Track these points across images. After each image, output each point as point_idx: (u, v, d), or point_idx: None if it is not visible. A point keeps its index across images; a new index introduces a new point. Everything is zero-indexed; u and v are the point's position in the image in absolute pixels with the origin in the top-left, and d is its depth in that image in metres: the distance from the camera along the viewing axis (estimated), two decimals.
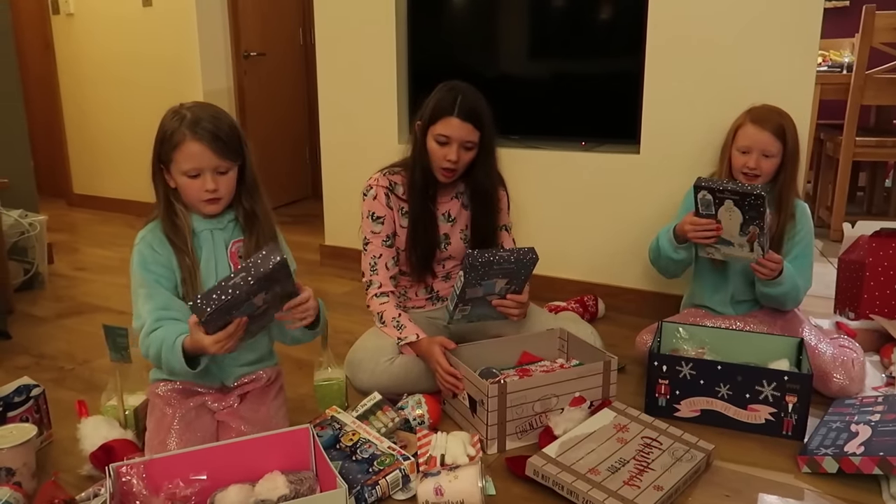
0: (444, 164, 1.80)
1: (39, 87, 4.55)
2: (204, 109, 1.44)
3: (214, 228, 1.51)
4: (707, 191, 1.78)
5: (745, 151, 1.93)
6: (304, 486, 1.31)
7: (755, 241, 1.77)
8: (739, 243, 1.80)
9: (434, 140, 1.80)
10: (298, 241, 3.55)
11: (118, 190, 4.30)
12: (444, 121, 1.77)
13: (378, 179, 1.89)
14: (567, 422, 1.58)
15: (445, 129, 1.77)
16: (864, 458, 1.42)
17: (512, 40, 2.68)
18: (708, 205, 1.79)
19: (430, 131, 1.80)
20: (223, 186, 1.45)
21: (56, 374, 2.07)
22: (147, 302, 1.43)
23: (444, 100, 1.78)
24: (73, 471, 1.52)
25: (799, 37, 2.12)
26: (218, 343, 1.30)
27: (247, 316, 1.32)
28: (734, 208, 1.75)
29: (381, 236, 1.88)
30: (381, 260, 1.89)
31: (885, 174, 3.86)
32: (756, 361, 1.75)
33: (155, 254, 1.46)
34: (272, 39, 4.29)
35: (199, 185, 1.43)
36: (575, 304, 2.43)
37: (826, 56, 3.69)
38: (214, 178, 1.43)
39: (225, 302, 1.24)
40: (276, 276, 1.30)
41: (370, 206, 1.88)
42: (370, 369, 1.78)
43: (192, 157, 1.40)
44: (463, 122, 1.77)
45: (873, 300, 2.12)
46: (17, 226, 2.79)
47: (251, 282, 1.25)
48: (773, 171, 1.93)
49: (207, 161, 1.41)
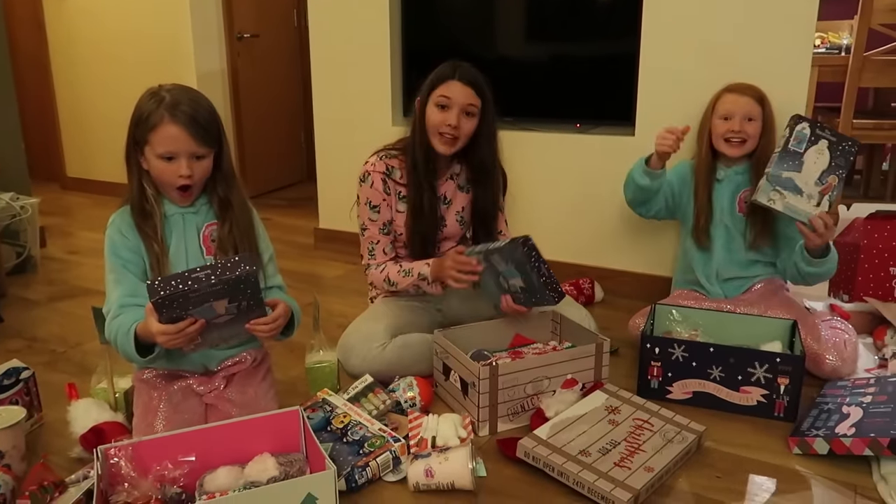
0: (444, 129, 1.79)
1: (31, 68, 4.50)
2: (184, 92, 1.41)
3: (186, 212, 1.49)
4: (808, 123, 1.75)
5: (726, 118, 1.95)
6: (294, 467, 1.31)
7: (827, 194, 1.74)
8: (809, 193, 1.76)
9: (434, 105, 1.79)
10: (293, 225, 3.54)
11: (112, 173, 4.26)
12: (444, 84, 1.79)
13: (374, 164, 1.87)
14: (559, 404, 1.58)
15: (446, 90, 1.78)
16: (855, 440, 1.42)
17: (507, 21, 2.65)
18: (803, 140, 1.76)
19: (430, 98, 1.80)
20: (198, 172, 1.42)
21: (48, 357, 2.07)
22: (115, 288, 1.42)
23: (445, 67, 1.81)
24: (63, 453, 1.52)
25: (796, 18, 2.10)
26: (165, 335, 1.28)
27: (205, 320, 1.30)
28: (825, 151, 1.73)
29: (377, 224, 1.88)
30: (379, 245, 1.89)
31: (882, 157, 3.85)
32: (749, 343, 1.75)
33: (124, 239, 1.44)
34: (266, 21, 4.24)
35: (174, 170, 1.40)
36: (569, 287, 2.43)
37: (824, 38, 3.66)
38: (190, 163, 1.40)
39: (182, 292, 1.22)
40: (243, 286, 1.27)
41: (367, 194, 1.87)
42: (362, 355, 1.78)
43: (168, 140, 1.37)
44: (464, 85, 1.78)
45: (867, 283, 2.12)
46: (9, 209, 2.77)
47: (213, 281, 1.23)
48: (758, 136, 1.95)
49: (184, 145, 1.38)
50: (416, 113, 1.84)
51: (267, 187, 4.37)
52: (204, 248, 1.49)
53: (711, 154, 2.02)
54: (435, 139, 1.81)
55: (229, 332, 1.40)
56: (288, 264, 1.66)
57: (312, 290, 2.51)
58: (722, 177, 2.01)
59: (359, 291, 2.48)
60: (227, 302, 1.29)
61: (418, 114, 1.83)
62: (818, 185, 1.75)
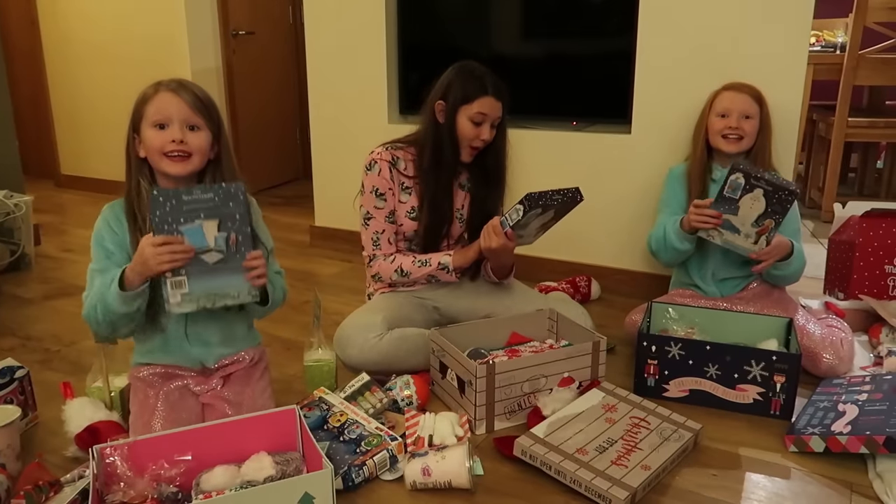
0: (476, 143, 1.83)
1: (25, 65, 4.48)
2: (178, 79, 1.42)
3: None
4: (743, 174, 1.78)
5: (724, 115, 1.96)
6: (291, 466, 1.30)
7: (764, 235, 1.79)
8: (746, 233, 1.81)
9: (469, 120, 1.81)
10: (289, 223, 3.53)
11: (106, 171, 4.25)
12: (480, 100, 1.80)
13: (381, 154, 1.88)
14: (556, 402, 1.58)
15: (483, 107, 1.80)
16: (851, 438, 1.42)
17: (503, 19, 2.65)
18: (737, 188, 1.79)
19: (462, 111, 1.81)
20: (192, 142, 1.38)
21: (42, 356, 2.06)
22: (96, 277, 1.40)
23: (477, 81, 1.81)
24: (58, 452, 1.51)
25: (792, 16, 2.11)
26: (153, 245, 1.28)
27: (194, 250, 1.30)
28: (761, 198, 1.77)
29: (384, 212, 1.88)
30: (384, 235, 1.89)
31: (876, 155, 3.86)
32: (745, 341, 1.75)
33: (111, 232, 1.43)
34: (261, 18, 4.23)
35: (166, 136, 1.37)
36: (566, 285, 2.43)
37: (819, 36, 3.67)
38: (183, 130, 1.37)
39: (175, 192, 1.28)
40: (232, 206, 1.31)
41: (374, 182, 1.87)
42: (359, 345, 1.76)
43: (161, 107, 1.37)
44: (496, 100, 1.81)
45: (862, 280, 2.12)
46: (3, 206, 2.76)
47: (209, 192, 1.29)
48: (755, 134, 1.96)
49: (177, 110, 1.36)
50: (441, 118, 1.83)
51: (262, 185, 4.35)
52: None
53: (707, 153, 2.02)
54: (465, 150, 1.86)
55: (219, 282, 1.35)
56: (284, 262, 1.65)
57: (310, 287, 2.51)
58: (718, 177, 2.00)
59: (355, 289, 2.48)
60: (218, 228, 1.30)
61: (447, 121, 1.83)
62: (755, 226, 1.80)
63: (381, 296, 1.95)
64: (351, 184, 1.92)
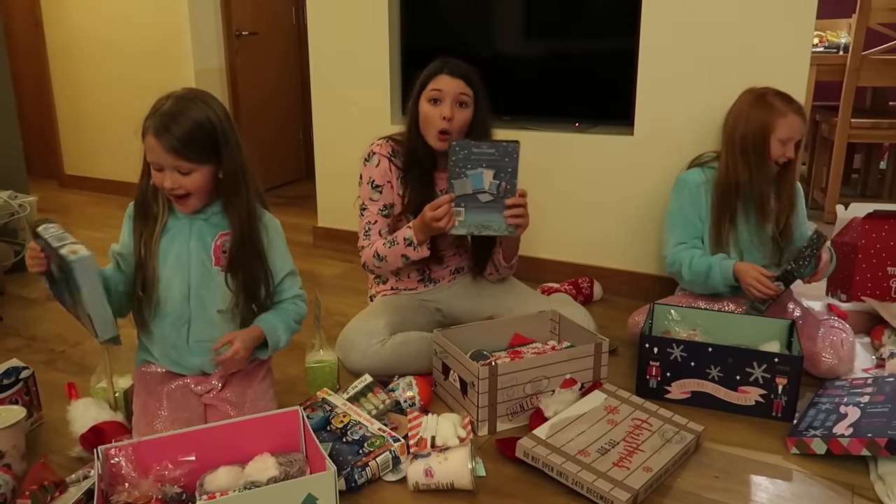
0: (440, 125, 1.80)
1: (29, 65, 4.49)
2: (178, 103, 1.37)
3: (195, 219, 1.48)
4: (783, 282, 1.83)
5: (785, 141, 1.89)
6: (294, 467, 1.31)
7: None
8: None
9: (427, 102, 1.81)
10: (291, 223, 3.53)
11: (111, 171, 4.26)
12: (434, 79, 1.81)
13: (380, 146, 1.89)
14: (558, 403, 1.58)
15: (438, 84, 1.80)
16: (853, 440, 1.43)
17: (506, 19, 2.65)
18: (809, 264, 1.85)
19: (422, 97, 1.82)
20: (188, 185, 1.39)
21: (47, 356, 2.06)
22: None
23: (433, 65, 1.84)
24: (62, 453, 1.52)
25: (795, 17, 2.10)
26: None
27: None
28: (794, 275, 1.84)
29: (378, 204, 1.88)
30: (376, 227, 1.89)
31: (880, 156, 3.85)
32: (747, 343, 1.75)
33: (125, 227, 1.51)
34: (264, 18, 4.23)
35: (162, 179, 1.39)
36: (568, 286, 2.43)
37: (823, 36, 3.67)
38: (174, 176, 1.38)
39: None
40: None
41: (370, 173, 1.88)
42: (361, 350, 1.78)
43: (151, 153, 1.38)
44: (453, 77, 1.80)
45: (865, 282, 2.12)
46: (7, 207, 2.77)
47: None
48: None
49: (163, 158, 1.37)
50: (410, 115, 1.86)
51: (265, 185, 4.25)
52: (213, 258, 1.48)
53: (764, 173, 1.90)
54: (430, 135, 1.82)
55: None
56: None
57: (313, 288, 2.51)
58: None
59: (358, 290, 2.48)
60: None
61: (412, 115, 1.85)
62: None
63: (383, 298, 1.96)
64: (353, 184, 1.92)
